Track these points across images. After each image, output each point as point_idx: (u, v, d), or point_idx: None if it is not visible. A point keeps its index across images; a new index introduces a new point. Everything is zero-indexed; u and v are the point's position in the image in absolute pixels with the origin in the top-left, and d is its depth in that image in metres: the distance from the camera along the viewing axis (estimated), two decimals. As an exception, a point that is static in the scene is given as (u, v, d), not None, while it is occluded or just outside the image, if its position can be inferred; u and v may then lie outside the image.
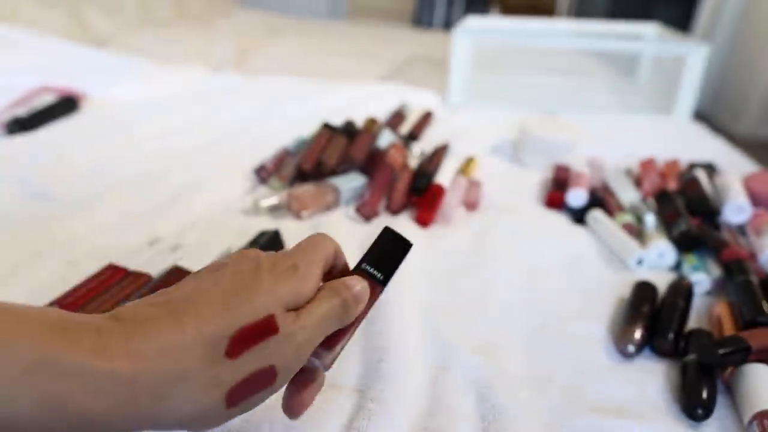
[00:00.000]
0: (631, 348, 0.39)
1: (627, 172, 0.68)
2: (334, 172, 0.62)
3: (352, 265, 0.30)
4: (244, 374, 0.22)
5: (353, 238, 0.52)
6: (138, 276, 0.41)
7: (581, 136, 0.73)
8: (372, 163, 0.62)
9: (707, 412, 0.33)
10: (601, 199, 0.61)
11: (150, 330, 0.21)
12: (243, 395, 0.22)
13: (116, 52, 1.21)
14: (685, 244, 0.50)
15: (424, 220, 0.55)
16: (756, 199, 0.56)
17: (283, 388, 0.27)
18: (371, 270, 0.30)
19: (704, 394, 0.34)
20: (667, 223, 0.52)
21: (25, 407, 0.18)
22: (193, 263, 0.43)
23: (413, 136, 0.79)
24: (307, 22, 1.90)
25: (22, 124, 0.72)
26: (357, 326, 0.28)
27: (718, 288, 0.47)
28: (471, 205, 0.60)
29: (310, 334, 0.24)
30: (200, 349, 0.21)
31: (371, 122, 0.71)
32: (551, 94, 1.11)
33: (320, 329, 0.25)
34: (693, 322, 0.43)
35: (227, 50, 1.32)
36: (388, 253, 0.31)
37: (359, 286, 0.27)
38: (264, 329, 0.22)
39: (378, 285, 0.29)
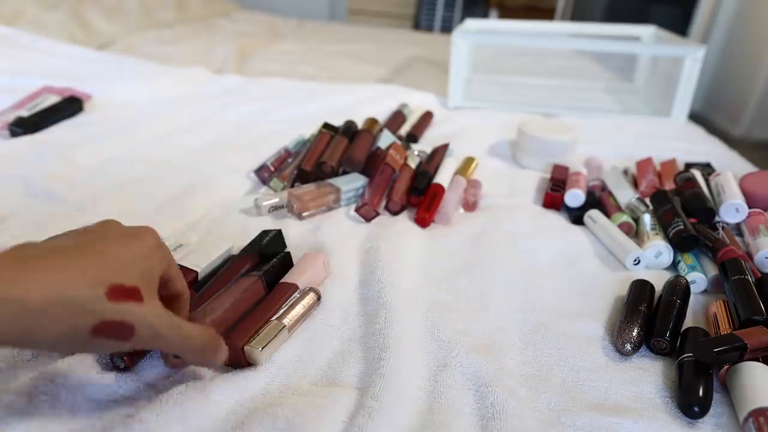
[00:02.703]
0: (628, 346, 0.39)
1: (624, 172, 0.69)
2: (335, 172, 0.62)
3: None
4: (113, 317, 0.26)
5: (353, 239, 0.52)
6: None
7: (579, 137, 0.73)
8: (372, 164, 0.62)
9: (703, 410, 0.34)
10: (598, 199, 0.61)
11: (38, 261, 0.25)
12: (106, 333, 0.26)
13: (118, 53, 1.21)
14: (681, 243, 0.50)
15: (423, 220, 0.55)
16: (752, 199, 0.57)
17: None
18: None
19: (700, 392, 0.34)
20: (663, 223, 0.53)
21: None
22: (196, 263, 0.43)
23: (413, 136, 0.79)
24: (308, 24, 1.91)
25: (26, 125, 0.72)
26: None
27: (715, 287, 0.48)
28: (470, 205, 0.60)
29: (168, 332, 0.29)
30: (84, 282, 0.26)
31: (372, 122, 0.71)
32: (549, 95, 1.11)
33: (178, 338, 0.30)
34: (689, 321, 0.43)
35: (228, 52, 1.32)
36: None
37: (224, 356, 0.33)
38: (132, 293, 0.27)
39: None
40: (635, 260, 0.50)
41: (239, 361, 0.36)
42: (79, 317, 0.26)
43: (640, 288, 0.44)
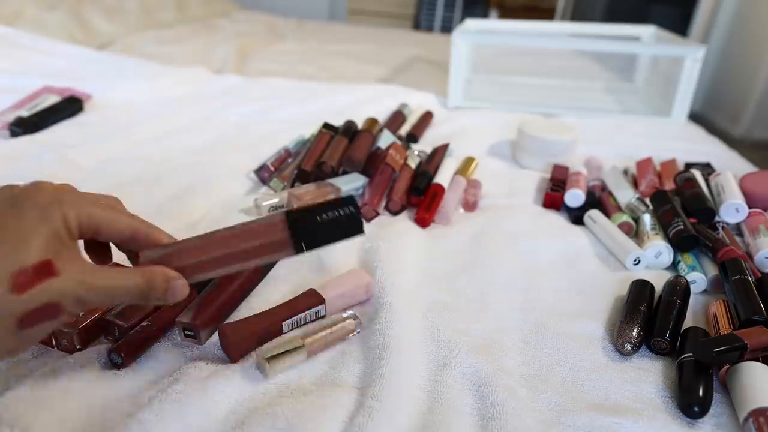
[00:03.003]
0: (628, 346, 0.39)
1: (624, 172, 0.69)
2: (335, 172, 0.62)
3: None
4: (32, 306, 0.24)
5: (353, 239, 0.52)
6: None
7: (579, 137, 0.73)
8: (372, 164, 0.62)
9: (703, 410, 0.34)
10: (598, 199, 0.61)
11: None
12: (33, 322, 0.25)
13: (118, 53, 1.21)
14: (681, 243, 0.50)
15: (423, 220, 0.55)
16: (752, 199, 0.57)
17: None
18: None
19: (700, 392, 0.34)
20: (664, 223, 0.53)
21: None
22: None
23: (413, 136, 0.79)
24: (308, 24, 1.91)
25: (26, 125, 0.72)
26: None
27: (715, 287, 0.48)
28: (470, 205, 0.60)
29: (96, 295, 0.27)
30: None
31: (372, 122, 0.71)
32: (549, 95, 1.11)
33: (109, 296, 0.28)
34: (689, 321, 0.43)
35: (228, 52, 1.32)
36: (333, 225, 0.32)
37: (178, 283, 0.30)
38: (42, 271, 0.25)
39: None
40: (635, 260, 0.50)
41: (232, 354, 0.36)
42: None
43: (640, 288, 0.44)
